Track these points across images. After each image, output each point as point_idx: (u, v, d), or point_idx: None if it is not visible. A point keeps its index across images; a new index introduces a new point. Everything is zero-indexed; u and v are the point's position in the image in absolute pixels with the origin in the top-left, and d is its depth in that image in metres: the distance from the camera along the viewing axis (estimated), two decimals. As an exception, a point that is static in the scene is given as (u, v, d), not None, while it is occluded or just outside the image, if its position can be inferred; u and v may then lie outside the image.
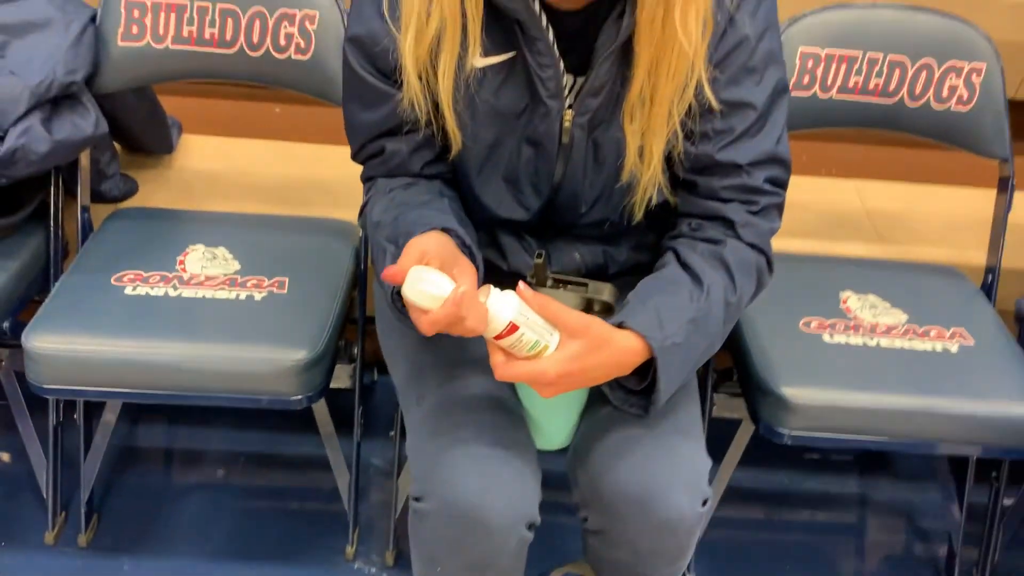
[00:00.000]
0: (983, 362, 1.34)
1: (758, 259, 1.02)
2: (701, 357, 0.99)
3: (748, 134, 0.99)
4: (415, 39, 0.92)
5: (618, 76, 0.95)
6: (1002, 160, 1.49)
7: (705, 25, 0.90)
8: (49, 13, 1.36)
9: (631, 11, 0.90)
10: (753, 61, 0.97)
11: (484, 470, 0.94)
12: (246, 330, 1.28)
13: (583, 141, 0.99)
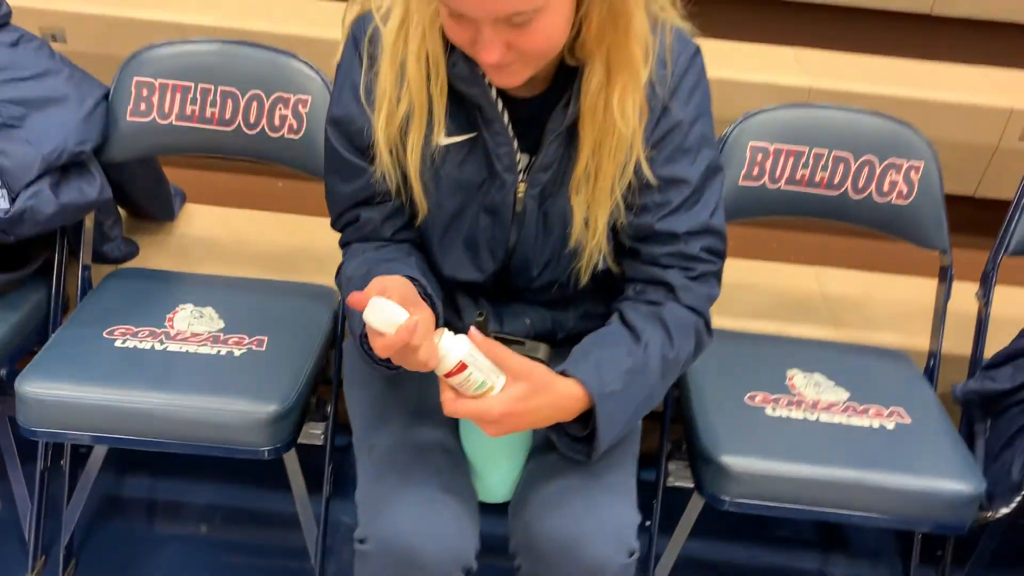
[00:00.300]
0: (917, 440, 1.41)
1: (696, 321, 1.12)
2: (640, 407, 1.08)
3: (684, 207, 1.10)
4: (386, 120, 1.04)
5: (565, 155, 1.07)
6: (941, 251, 1.59)
7: (641, 111, 1.02)
8: (67, 90, 1.50)
9: (576, 100, 1.02)
10: (687, 143, 1.08)
11: (422, 513, 1.02)
12: (222, 383, 1.38)
13: (534, 211, 1.10)
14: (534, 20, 0.90)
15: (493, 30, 0.90)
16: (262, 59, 1.57)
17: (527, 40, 0.91)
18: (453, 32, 0.94)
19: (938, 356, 1.61)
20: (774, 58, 2.27)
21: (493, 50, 0.91)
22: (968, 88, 2.20)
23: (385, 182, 1.09)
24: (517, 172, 1.09)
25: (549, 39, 0.93)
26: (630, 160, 1.04)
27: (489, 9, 0.88)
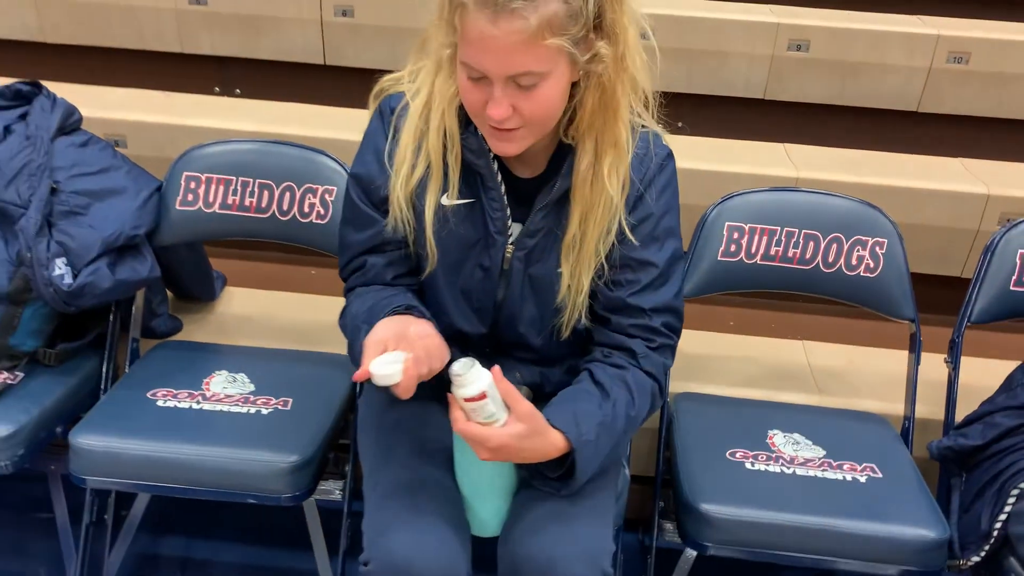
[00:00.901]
0: (887, 492, 1.51)
1: (653, 385, 1.28)
2: (608, 455, 1.23)
3: (652, 287, 1.27)
4: (404, 180, 1.24)
5: (552, 227, 1.25)
6: (910, 320, 1.72)
7: (624, 184, 1.21)
8: (125, 183, 1.73)
9: (567, 175, 1.21)
10: (656, 231, 1.27)
11: (420, 536, 1.16)
12: (249, 437, 1.54)
13: (520, 271, 1.28)
14: (538, 85, 1.09)
15: (503, 90, 1.09)
16: (294, 156, 1.80)
17: (530, 103, 1.10)
18: (470, 94, 1.13)
19: (912, 418, 1.72)
20: (766, 152, 2.46)
21: (501, 107, 1.09)
22: (949, 177, 2.36)
23: (395, 233, 1.28)
24: (508, 235, 1.26)
25: (547, 107, 1.12)
26: (613, 225, 1.22)
27: (504, 65, 1.07)
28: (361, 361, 1.11)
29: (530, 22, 1.04)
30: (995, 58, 2.71)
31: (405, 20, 2.78)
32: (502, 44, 1.05)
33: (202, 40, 2.91)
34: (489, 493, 1.26)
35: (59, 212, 1.64)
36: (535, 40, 1.05)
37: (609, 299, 1.27)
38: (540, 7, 1.04)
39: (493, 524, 1.27)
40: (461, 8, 1.07)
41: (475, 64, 1.09)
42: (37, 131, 1.68)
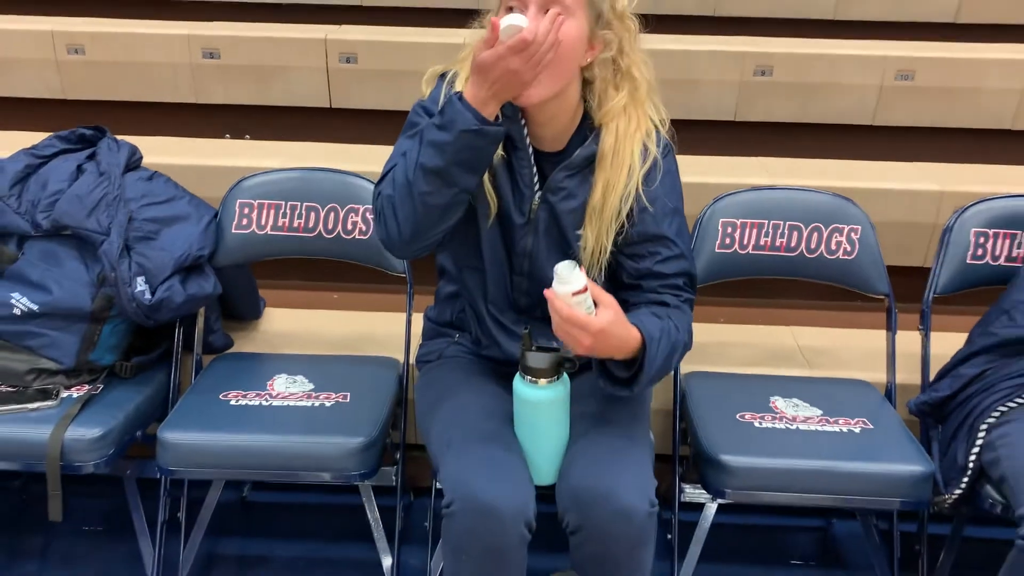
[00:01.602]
0: (879, 439, 1.75)
1: (685, 330, 1.51)
2: (665, 362, 1.43)
3: (672, 257, 1.52)
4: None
5: (575, 188, 1.48)
6: (885, 295, 1.98)
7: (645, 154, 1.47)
8: (188, 210, 1.94)
9: (592, 144, 1.46)
10: (668, 209, 1.52)
11: (494, 477, 1.37)
12: (319, 425, 1.74)
13: (545, 219, 1.51)
14: (562, 16, 1.32)
15: (536, 14, 1.32)
16: (335, 180, 2.02)
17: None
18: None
19: (894, 379, 1.97)
20: (743, 166, 2.73)
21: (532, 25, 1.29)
22: (906, 179, 2.64)
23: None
24: (534, 190, 1.50)
25: (567, 48, 1.35)
26: (631, 191, 1.46)
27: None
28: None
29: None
30: (938, 75, 3.04)
31: (405, 64, 3.04)
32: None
33: (214, 90, 3.14)
34: (547, 444, 1.47)
35: (134, 237, 1.84)
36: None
37: (637, 270, 1.52)
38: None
39: (550, 473, 1.48)
40: None
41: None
42: (109, 168, 1.89)
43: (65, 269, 1.82)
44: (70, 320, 1.82)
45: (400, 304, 2.09)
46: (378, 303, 2.43)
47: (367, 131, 2.97)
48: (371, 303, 2.49)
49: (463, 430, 1.48)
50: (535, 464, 1.47)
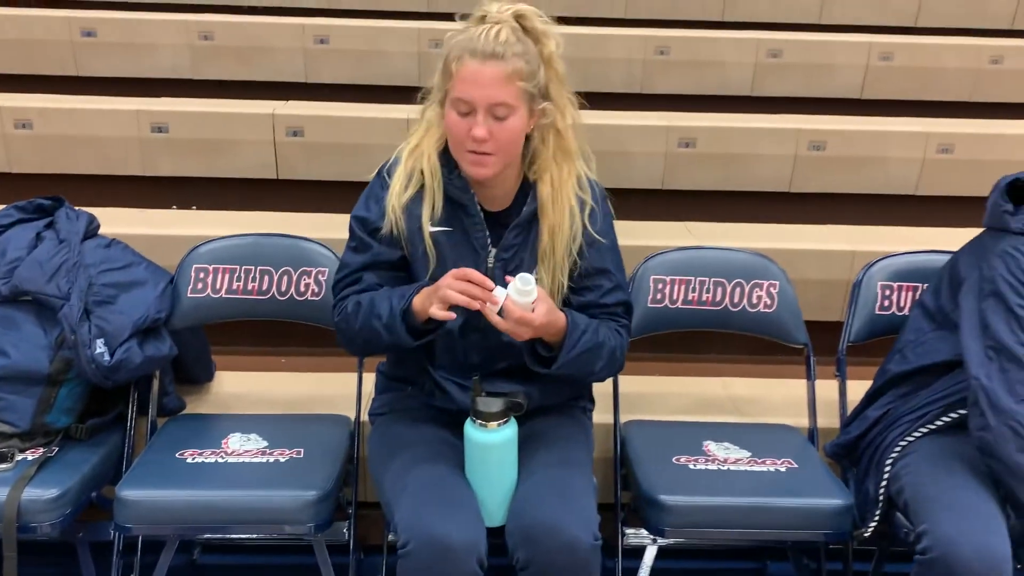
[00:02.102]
0: (803, 476, 1.88)
1: (619, 342, 1.69)
2: (587, 353, 1.61)
3: (613, 289, 1.71)
4: (399, 193, 1.63)
5: (523, 242, 1.65)
6: (804, 344, 2.14)
7: (582, 204, 1.64)
8: (145, 276, 2.02)
9: (533, 201, 1.61)
10: (607, 247, 1.71)
11: (446, 515, 1.46)
12: (274, 480, 1.80)
13: (501, 278, 1.61)
14: (508, 117, 1.52)
15: (484, 118, 1.51)
16: (288, 245, 2.12)
17: (501, 130, 1.53)
18: (457, 127, 1.54)
19: (815, 423, 2.12)
20: (670, 230, 2.91)
21: (483, 129, 1.51)
22: (820, 240, 2.86)
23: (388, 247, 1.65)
24: (488, 250, 1.65)
25: (513, 135, 1.56)
26: (577, 234, 1.64)
27: (488, 95, 1.51)
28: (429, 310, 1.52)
29: (506, 66, 1.50)
30: (847, 145, 3.31)
31: (350, 137, 3.18)
32: (487, 80, 1.50)
33: (163, 163, 3.23)
34: (497, 486, 1.56)
35: (93, 302, 1.90)
36: (509, 80, 1.51)
37: (581, 303, 1.69)
38: (511, 60, 1.52)
39: (500, 514, 1.57)
40: (458, 60, 1.51)
41: (466, 97, 1.51)
42: (68, 235, 1.95)
43: (23, 333, 1.87)
44: (27, 383, 1.86)
45: (348, 365, 2.17)
46: (324, 366, 2.51)
47: (313, 201, 3.09)
48: (317, 366, 2.56)
49: (416, 475, 1.57)
50: (486, 506, 1.56)
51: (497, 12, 1.56)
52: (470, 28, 1.56)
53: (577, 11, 4.45)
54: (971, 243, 1.89)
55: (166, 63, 3.84)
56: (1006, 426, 1.64)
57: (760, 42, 3.99)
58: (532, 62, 1.55)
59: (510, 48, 1.52)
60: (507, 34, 1.53)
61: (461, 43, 1.54)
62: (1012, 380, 1.65)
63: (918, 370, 1.88)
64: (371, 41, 3.86)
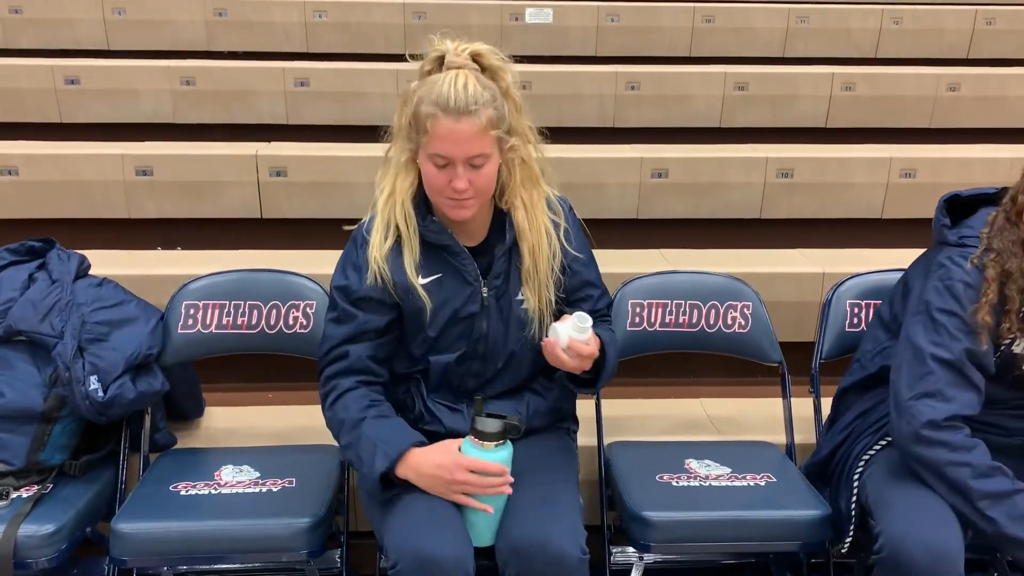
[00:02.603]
0: (781, 490, 1.95)
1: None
2: (615, 362, 1.77)
3: (602, 296, 1.82)
4: (379, 244, 1.67)
5: (509, 267, 1.72)
6: (778, 363, 2.22)
7: (556, 225, 1.71)
8: (136, 313, 2.06)
9: (511, 227, 1.68)
10: (586, 260, 1.80)
11: (434, 531, 1.52)
12: (268, 508, 1.84)
13: (494, 304, 1.71)
14: (484, 165, 1.58)
15: (464, 170, 1.57)
16: (276, 280, 2.18)
17: (479, 178, 1.59)
18: (436, 178, 1.60)
19: (792, 439, 2.19)
20: (645, 257, 2.99)
21: (463, 181, 1.57)
22: (792, 263, 2.95)
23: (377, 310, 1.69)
24: (480, 283, 1.71)
25: (490, 180, 1.63)
26: (556, 252, 1.71)
27: (466, 150, 1.56)
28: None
29: (481, 120, 1.56)
30: (814, 172, 3.42)
31: (332, 176, 3.26)
32: (464, 135, 1.56)
33: (147, 206, 3.28)
34: (489, 504, 1.61)
35: (86, 339, 1.94)
36: (484, 132, 1.57)
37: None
38: (483, 112, 1.57)
39: (489, 535, 1.62)
40: (431, 117, 1.56)
41: (444, 153, 1.57)
42: (61, 275, 2.00)
43: (17, 371, 1.91)
44: (21, 421, 1.89)
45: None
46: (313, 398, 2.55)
47: (298, 238, 3.16)
48: (306, 399, 2.60)
49: (405, 498, 1.61)
50: (477, 526, 1.61)
51: (455, 53, 1.60)
52: (434, 79, 1.59)
53: (551, 50, 4.59)
54: (921, 256, 1.98)
55: (148, 108, 3.91)
56: (903, 419, 1.71)
57: (727, 75, 4.12)
58: (499, 106, 1.60)
59: (480, 99, 1.56)
60: (473, 84, 1.56)
61: (431, 99, 1.56)
62: (913, 375, 1.72)
63: (874, 377, 1.95)
64: (350, 82, 3.96)
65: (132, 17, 4.48)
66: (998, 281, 1.72)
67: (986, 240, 1.76)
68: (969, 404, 1.71)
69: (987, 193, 1.87)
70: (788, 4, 4.84)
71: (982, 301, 1.71)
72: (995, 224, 1.78)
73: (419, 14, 4.58)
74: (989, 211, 1.83)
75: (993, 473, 1.67)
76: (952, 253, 1.79)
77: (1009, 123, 4.24)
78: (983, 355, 1.72)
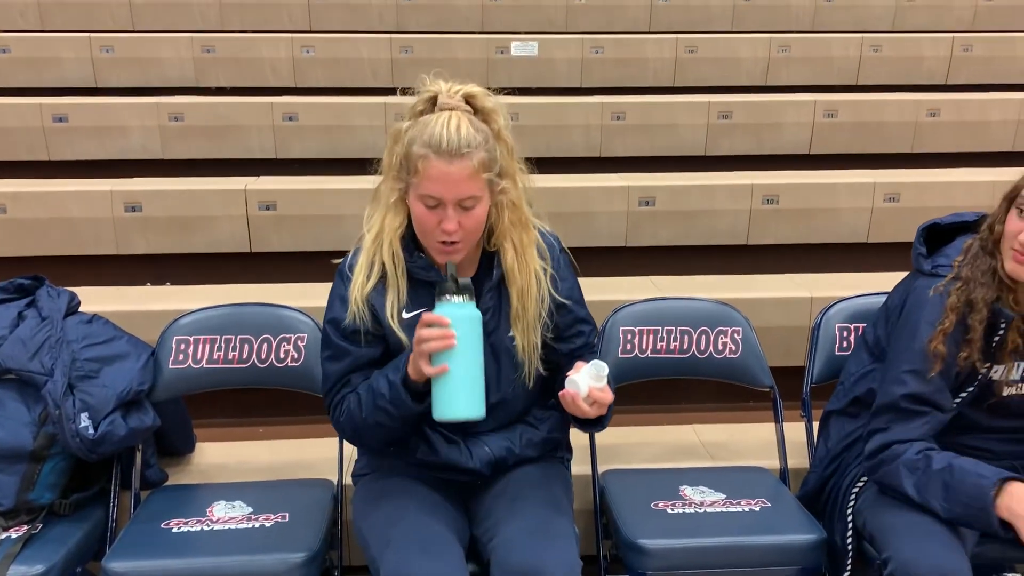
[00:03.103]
0: (776, 515, 1.95)
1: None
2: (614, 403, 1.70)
3: (593, 332, 1.81)
4: (361, 285, 1.66)
5: (497, 305, 1.70)
6: (770, 387, 2.23)
7: (544, 270, 1.70)
8: (127, 349, 2.06)
9: (499, 267, 1.67)
10: (575, 296, 1.79)
11: (429, 557, 1.54)
12: (262, 544, 1.82)
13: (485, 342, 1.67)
14: (475, 207, 1.58)
15: (454, 211, 1.56)
16: (267, 313, 2.18)
17: (469, 220, 1.59)
18: (426, 219, 1.59)
19: (786, 463, 2.19)
20: (635, 284, 3.01)
21: (453, 222, 1.57)
22: (780, 288, 2.97)
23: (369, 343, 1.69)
24: None
25: (480, 222, 1.62)
26: (545, 295, 1.70)
27: (457, 192, 1.56)
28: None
29: (472, 163, 1.56)
30: (799, 198, 3.46)
31: (321, 209, 3.27)
32: (456, 178, 1.56)
33: (137, 242, 3.28)
34: (468, 369, 1.56)
35: (76, 376, 1.93)
36: (475, 175, 1.57)
37: (571, 350, 1.78)
38: (475, 154, 1.57)
39: (473, 403, 1.57)
40: (423, 158, 1.56)
41: (435, 194, 1.57)
42: (51, 312, 2.00)
43: (6, 410, 1.90)
44: (10, 460, 1.88)
45: (328, 431, 2.19)
46: (305, 432, 2.55)
47: (287, 272, 3.16)
48: (297, 433, 2.59)
49: (401, 528, 1.61)
50: (456, 395, 1.56)
51: (448, 95, 1.60)
52: (427, 120, 1.58)
53: (537, 82, 4.64)
54: (901, 282, 2.00)
55: (137, 145, 3.92)
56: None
57: (711, 105, 4.17)
58: (491, 148, 1.60)
59: (472, 141, 1.56)
60: (466, 127, 1.56)
61: (423, 140, 1.56)
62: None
63: (858, 401, 1.96)
64: (338, 116, 3.99)
65: (120, 55, 4.51)
66: (959, 311, 1.75)
67: (956, 268, 1.80)
68: (912, 431, 1.78)
69: (966, 220, 1.90)
70: (770, 34, 4.92)
71: (937, 330, 1.75)
72: (969, 251, 1.81)
73: (406, 48, 4.62)
74: (966, 239, 1.85)
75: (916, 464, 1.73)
76: (923, 283, 1.84)
77: (989, 147, 4.31)
78: (931, 392, 1.77)
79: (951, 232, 1.92)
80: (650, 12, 5.20)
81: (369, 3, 5.03)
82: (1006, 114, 4.31)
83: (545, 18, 5.14)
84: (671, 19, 5.19)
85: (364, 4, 5.03)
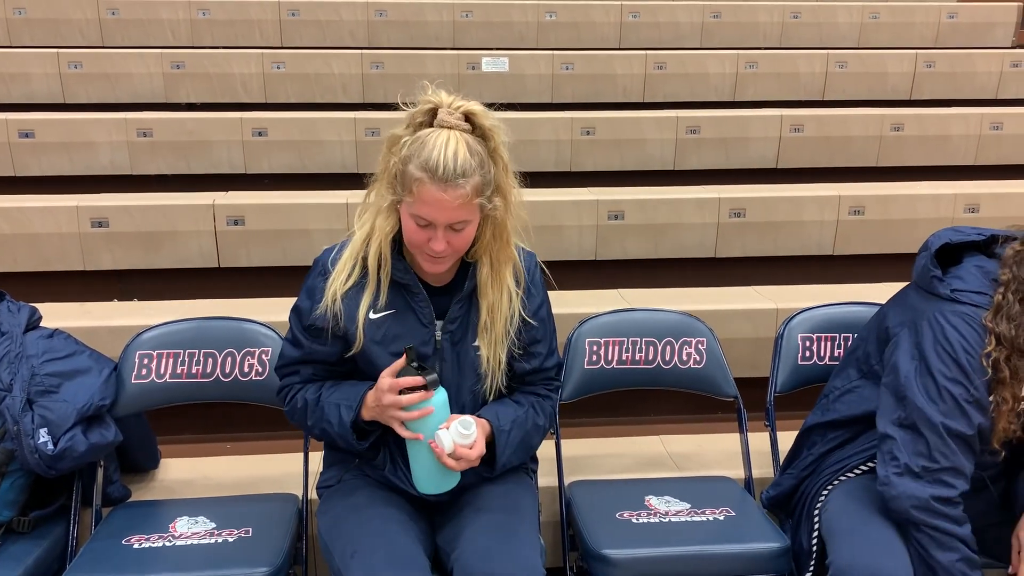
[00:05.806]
0: (740, 523, 1.96)
1: (550, 412, 1.81)
2: (520, 445, 1.74)
3: (550, 354, 1.81)
4: (342, 281, 1.67)
5: (466, 316, 1.71)
6: (734, 397, 2.24)
7: (518, 282, 1.71)
8: (88, 364, 2.04)
9: (472, 279, 1.68)
10: (542, 315, 1.79)
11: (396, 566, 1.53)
12: (224, 560, 1.81)
13: (449, 349, 1.71)
14: (465, 228, 1.59)
15: (444, 232, 1.58)
16: (231, 327, 2.16)
17: (458, 239, 1.60)
18: (416, 235, 1.60)
19: (750, 473, 2.20)
20: (603, 297, 3.02)
21: (442, 243, 1.58)
22: (746, 300, 3.00)
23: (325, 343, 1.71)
24: (435, 325, 1.71)
25: (468, 241, 1.64)
26: (515, 313, 1.71)
27: (449, 217, 1.56)
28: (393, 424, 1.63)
29: (467, 190, 1.56)
30: (766, 211, 3.50)
31: (291, 224, 3.26)
32: (449, 205, 1.56)
33: (103, 257, 3.25)
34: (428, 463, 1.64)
35: (36, 391, 1.91)
36: (469, 200, 1.57)
37: (524, 370, 1.79)
38: (470, 181, 1.57)
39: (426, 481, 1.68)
40: (419, 181, 1.56)
41: (427, 217, 1.58)
42: (11, 328, 1.98)
43: (-36, 427, 1.87)
44: (-33, 478, 1.85)
45: (294, 446, 2.20)
46: (271, 448, 2.53)
47: (255, 287, 3.15)
48: (263, 448, 2.58)
49: (367, 539, 1.61)
50: (432, 474, 1.66)
51: (448, 111, 1.58)
52: (425, 139, 1.57)
53: (507, 98, 4.65)
54: (899, 297, 1.92)
55: (104, 160, 3.89)
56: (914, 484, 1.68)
57: (679, 120, 4.22)
58: (486, 172, 1.59)
59: (468, 168, 1.55)
60: (464, 152, 1.55)
61: (420, 162, 1.55)
62: (925, 445, 1.69)
63: (843, 420, 1.95)
64: (308, 131, 3.98)
65: (89, 70, 4.48)
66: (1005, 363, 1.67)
67: (991, 323, 1.68)
68: (970, 475, 1.71)
69: (974, 240, 1.82)
70: (738, 50, 4.99)
71: (988, 376, 1.68)
72: (1003, 306, 1.68)
73: (376, 63, 4.64)
74: (976, 259, 1.77)
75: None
76: (945, 310, 1.72)
77: (951, 161, 4.38)
78: (987, 428, 1.71)
79: (956, 250, 1.82)
80: (620, 29, 5.25)
81: (340, 19, 5.04)
82: (968, 128, 4.39)
83: (516, 34, 5.17)
84: (640, 36, 5.24)
85: (335, 20, 5.04)
